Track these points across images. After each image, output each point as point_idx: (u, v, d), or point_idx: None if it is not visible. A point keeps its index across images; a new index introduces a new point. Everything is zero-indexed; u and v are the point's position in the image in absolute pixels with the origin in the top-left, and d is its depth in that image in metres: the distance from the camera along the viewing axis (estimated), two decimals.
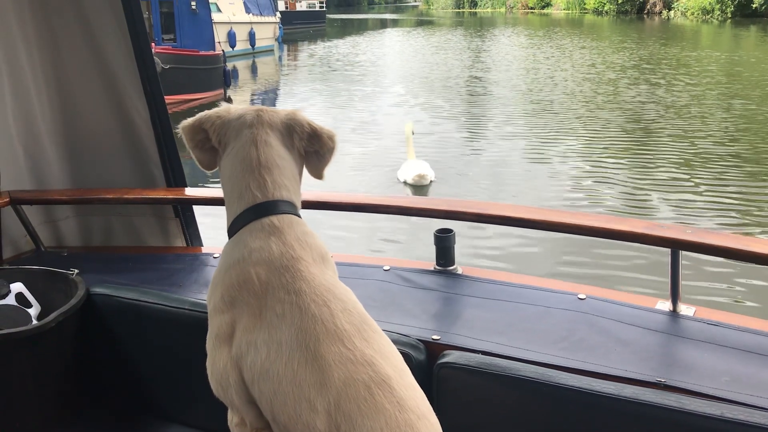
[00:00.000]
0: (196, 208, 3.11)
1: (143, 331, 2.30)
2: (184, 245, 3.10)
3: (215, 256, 2.74)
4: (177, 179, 3.02)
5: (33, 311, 2.37)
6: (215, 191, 2.79)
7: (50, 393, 2.32)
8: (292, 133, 1.59)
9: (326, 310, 1.38)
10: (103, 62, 2.82)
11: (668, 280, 2.08)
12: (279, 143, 1.57)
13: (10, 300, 2.35)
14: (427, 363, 1.92)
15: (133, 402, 2.43)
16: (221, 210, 1.66)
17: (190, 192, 2.91)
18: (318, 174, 1.65)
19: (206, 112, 1.61)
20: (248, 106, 1.63)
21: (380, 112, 15.40)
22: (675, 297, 2.08)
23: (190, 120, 1.61)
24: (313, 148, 1.62)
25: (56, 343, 2.28)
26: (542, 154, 10.96)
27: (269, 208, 1.50)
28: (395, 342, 1.89)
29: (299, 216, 1.56)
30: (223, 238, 1.59)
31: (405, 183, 9.44)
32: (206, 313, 1.55)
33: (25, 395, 2.25)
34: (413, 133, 9.86)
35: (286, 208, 1.52)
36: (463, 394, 1.85)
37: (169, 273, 2.61)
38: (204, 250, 2.97)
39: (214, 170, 1.64)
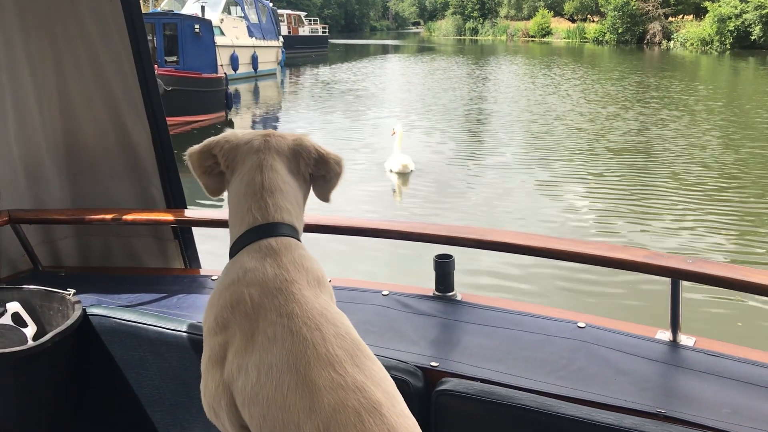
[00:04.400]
0: (196, 230, 3.11)
1: (140, 353, 2.29)
2: (183, 267, 3.09)
3: (213, 278, 2.73)
4: (177, 200, 3.02)
5: (29, 331, 2.35)
6: (215, 213, 2.79)
7: (45, 413, 2.30)
8: (298, 159, 1.61)
9: (318, 334, 1.36)
10: (107, 83, 2.84)
11: (668, 309, 2.07)
12: (285, 168, 1.58)
13: (6, 319, 2.34)
14: (425, 390, 1.91)
15: (129, 424, 2.40)
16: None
17: (190, 213, 2.91)
18: (325, 197, 1.66)
19: (213, 138, 1.62)
20: (256, 131, 1.63)
21: (378, 133, 15.54)
22: (675, 327, 2.07)
23: (197, 147, 1.62)
24: (320, 172, 1.63)
25: (52, 364, 2.27)
26: (541, 182, 10.97)
27: (268, 230, 1.51)
28: (393, 368, 1.88)
29: (299, 239, 1.56)
30: (222, 261, 1.59)
31: (391, 171, 11.24)
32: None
33: (20, 415, 2.22)
34: (394, 133, 11.48)
35: (286, 230, 1.53)
36: (462, 422, 1.83)
37: (167, 295, 2.60)
38: (202, 272, 2.96)
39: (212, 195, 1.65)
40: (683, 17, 56.88)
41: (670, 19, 56.70)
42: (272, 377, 1.32)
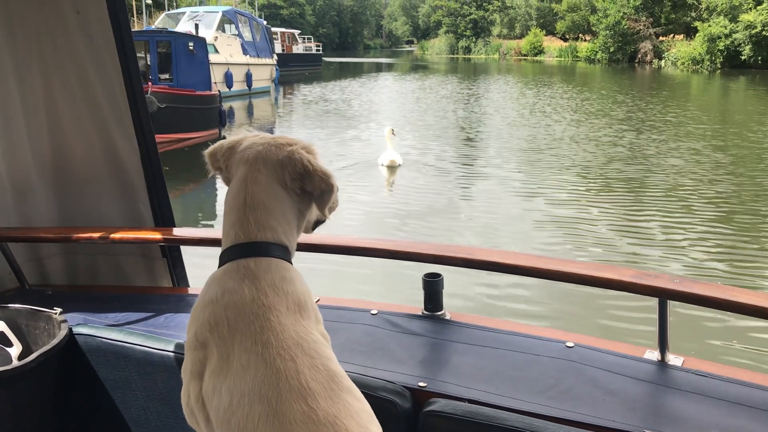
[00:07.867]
0: (184, 249, 3.09)
1: (126, 373, 2.27)
2: (171, 286, 3.07)
3: None
4: (165, 219, 3.01)
5: (14, 350, 2.33)
6: (203, 232, 2.78)
7: None
8: (284, 172, 1.53)
9: (292, 365, 1.33)
10: (95, 101, 2.83)
11: (656, 329, 2.07)
12: (274, 182, 1.52)
13: None
14: (413, 411, 1.89)
15: None
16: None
17: (178, 232, 2.89)
18: (320, 213, 1.61)
19: (221, 141, 1.61)
20: (262, 136, 1.59)
21: (371, 149, 15.65)
22: (663, 346, 2.07)
23: (211, 147, 1.62)
24: (307, 188, 1.53)
25: (37, 384, 2.24)
26: (530, 200, 10.99)
27: (249, 249, 1.48)
28: (380, 389, 1.87)
29: (286, 258, 1.51)
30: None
31: (381, 165, 13.17)
32: None
33: None
34: (394, 134, 13.50)
35: (268, 250, 1.48)
36: None
37: (155, 314, 2.58)
38: (190, 290, 2.94)
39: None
40: (674, 36, 57.44)
41: (661, 38, 57.26)
42: (244, 405, 1.31)
